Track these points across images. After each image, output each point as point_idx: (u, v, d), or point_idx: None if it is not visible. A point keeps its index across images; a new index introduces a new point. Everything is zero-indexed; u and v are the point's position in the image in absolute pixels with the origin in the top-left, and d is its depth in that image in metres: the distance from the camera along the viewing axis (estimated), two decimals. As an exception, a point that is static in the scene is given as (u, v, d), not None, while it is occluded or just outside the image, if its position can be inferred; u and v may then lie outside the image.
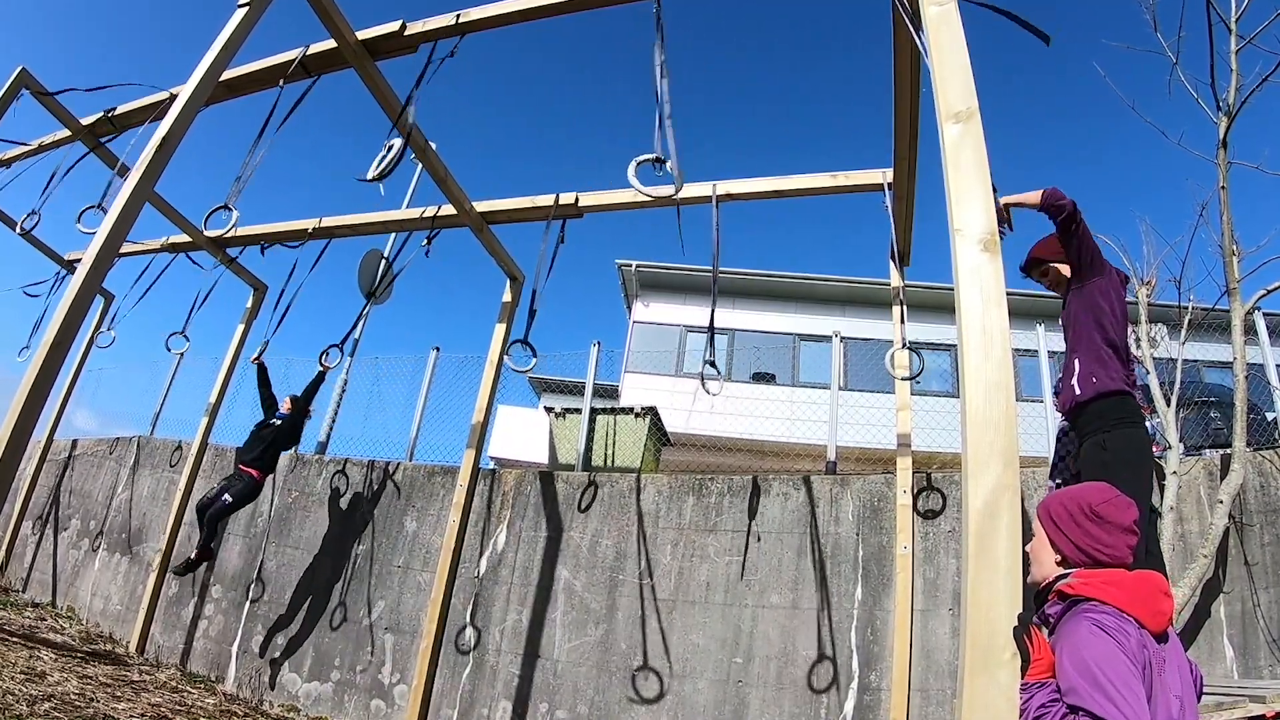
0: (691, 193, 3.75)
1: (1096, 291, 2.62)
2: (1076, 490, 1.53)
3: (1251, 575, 3.93)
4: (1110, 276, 2.65)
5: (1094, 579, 1.43)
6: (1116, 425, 2.42)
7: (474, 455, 4.41)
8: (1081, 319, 2.61)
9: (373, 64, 3.11)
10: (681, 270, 12.99)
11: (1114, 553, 1.44)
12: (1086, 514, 1.46)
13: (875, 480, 4.58)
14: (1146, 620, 1.35)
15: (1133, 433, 2.42)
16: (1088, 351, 2.56)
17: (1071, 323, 2.64)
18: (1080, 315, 2.62)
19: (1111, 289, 2.63)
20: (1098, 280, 2.63)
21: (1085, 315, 2.60)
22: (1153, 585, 1.39)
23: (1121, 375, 2.51)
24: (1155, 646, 1.33)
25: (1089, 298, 2.62)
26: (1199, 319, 4.94)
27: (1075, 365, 2.55)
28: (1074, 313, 2.65)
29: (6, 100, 4.40)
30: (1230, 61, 4.44)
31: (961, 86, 1.45)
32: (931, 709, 3.90)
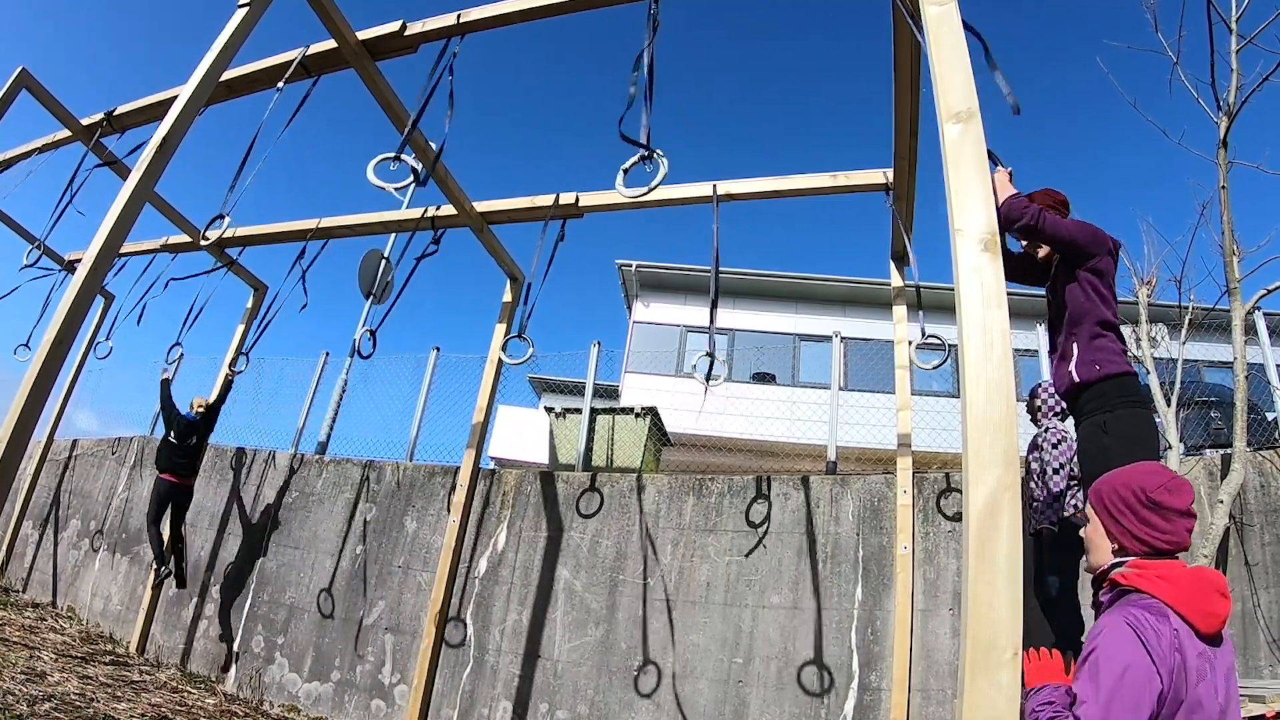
0: (691, 193, 3.75)
1: (1090, 270, 2.51)
2: (1130, 475, 1.45)
3: (1251, 575, 3.93)
4: (1103, 254, 2.52)
5: (1148, 570, 1.35)
6: (1119, 405, 2.33)
7: (474, 455, 4.41)
8: (1076, 296, 2.50)
9: (373, 64, 3.11)
10: (682, 270, 12.99)
11: (1174, 539, 1.37)
12: (1143, 501, 1.39)
13: (875, 480, 4.58)
14: (1197, 620, 1.28)
15: (1136, 412, 2.33)
16: (1087, 333, 2.46)
17: (1064, 299, 2.54)
18: (1074, 292, 2.51)
19: (1105, 267, 2.52)
20: (1092, 260, 2.52)
21: (1079, 293, 2.50)
22: (1209, 583, 1.32)
23: (1122, 356, 2.42)
24: (1201, 648, 1.27)
25: (1081, 276, 2.51)
26: (1199, 319, 4.94)
27: (1074, 349, 2.46)
28: (1065, 288, 2.54)
29: (6, 100, 4.40)
30: (1230, 61, 4.45)
31: (962, 86, 1.45)
32: (931, 709, 3.90)
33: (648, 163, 2.47)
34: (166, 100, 3.67)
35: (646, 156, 2.45)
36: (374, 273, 7.07)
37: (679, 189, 3.75)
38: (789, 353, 12.49)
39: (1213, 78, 4.51)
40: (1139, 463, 1.52)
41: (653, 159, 2.46)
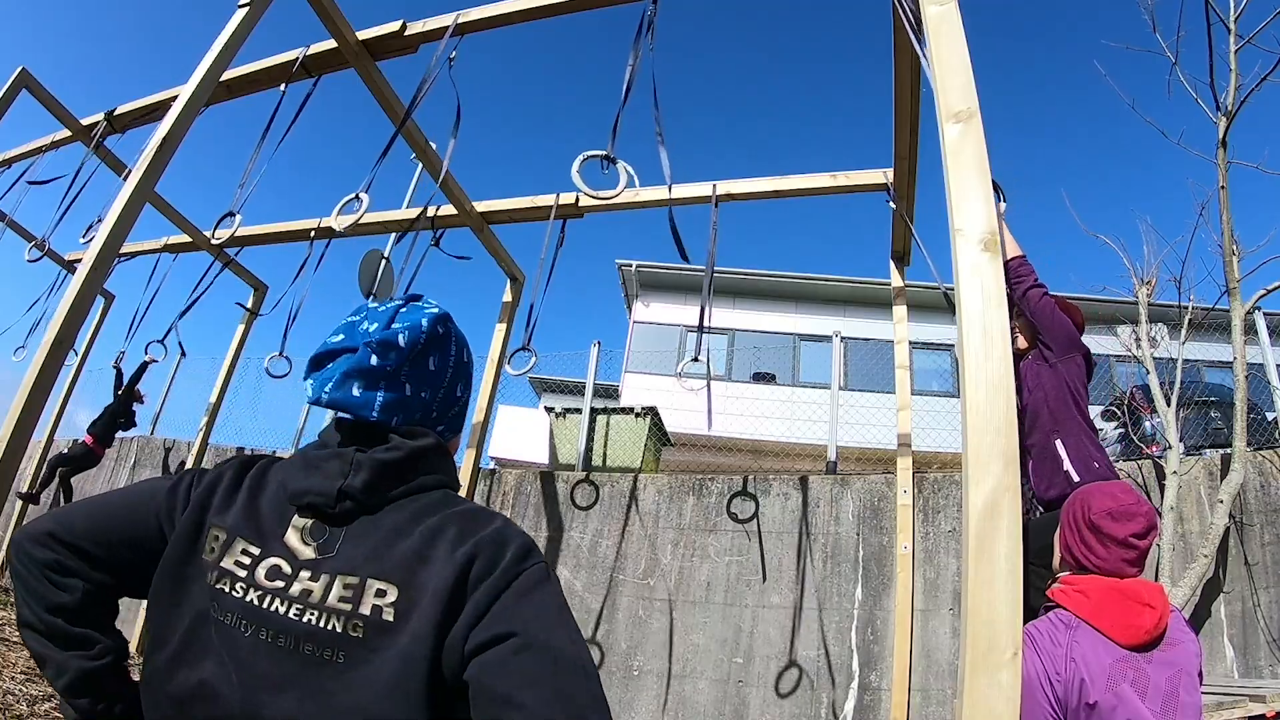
0: (691, 192, 3.75)
1: (1071, 368, 2.39)
2: (1090, 493, 1.49)
3: (1252, 575, 3.94)
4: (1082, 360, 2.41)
5: (1070, 586, 1.42)
6: None
7: (474, 455, 4.41)
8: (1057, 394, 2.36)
9: (373, 64, 3.11)
10: (682, 270, 13.00)
11: (1105, 566, 1.40)
12: (1085, 521, 1.43)
13: (875, 480, 4.58)
14: (1112, 632, 1.32)
15: None
16: (1072, 433, 2.32)
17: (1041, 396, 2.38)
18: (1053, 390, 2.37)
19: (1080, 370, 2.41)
20: (1073, 357, 2.40)
21: (1060, 391, 2.36)
22: (1128, 597, 1.36)
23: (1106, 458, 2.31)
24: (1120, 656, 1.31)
25: (1060, 373, 2.39)
26: (1199, 319, 4.94)
27: (1061, 449, 2.29)
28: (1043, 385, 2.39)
29: (7, 100, 4.40)
30: (1229, 61, 4.44)
31: (962, 86, 1.45)
32: (931, 709, 3.91)
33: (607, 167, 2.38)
34: (166, 100, 3.68)
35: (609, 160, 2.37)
36: (374, 273, 7.07)
37: (678, 189, 3.75)
38: (789, 353, 12.49)
39: (1211, 78, 4.51)
40: (1111, 483, 1.54)
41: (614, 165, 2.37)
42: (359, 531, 0.78)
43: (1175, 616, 1.41)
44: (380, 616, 0.72)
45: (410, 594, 0.72)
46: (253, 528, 0.79)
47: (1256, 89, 4.41)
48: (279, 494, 0.82)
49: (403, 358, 0.83)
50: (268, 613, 0.75)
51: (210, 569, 0.78)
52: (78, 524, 0.81)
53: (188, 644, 0.75)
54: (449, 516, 0.79)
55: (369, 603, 0.73)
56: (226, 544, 0.79)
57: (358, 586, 0.74)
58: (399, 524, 0.78)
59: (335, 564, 0.76)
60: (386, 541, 0.77)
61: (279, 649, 0.73)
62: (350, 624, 0.73)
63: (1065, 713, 1.30)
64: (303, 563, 0.76)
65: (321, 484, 0.79)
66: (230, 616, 0.75)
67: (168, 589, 0.78)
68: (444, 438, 0.91)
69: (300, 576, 0.75)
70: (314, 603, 0.74)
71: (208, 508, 0.82)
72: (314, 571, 0.76)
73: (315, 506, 0.79)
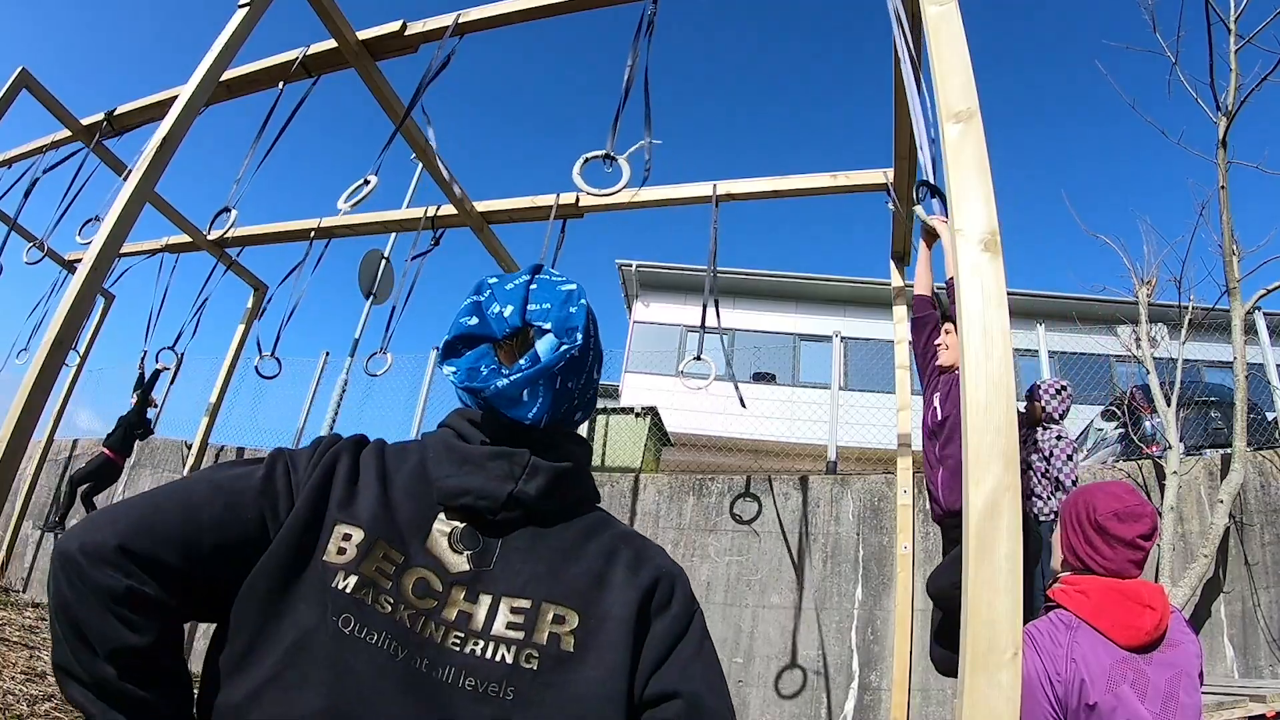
0: (691, 192, 3.75)
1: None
2: (1094, 493, 1.49)
3: (1252, 575, 3.93)
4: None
5: (1070, 586, 1.42)
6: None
7: (474, 455, 4.40)
8: None
9: (373, 64, 3.11)
10: (682, 270, 12.99)
11: (1112, 566, 1.40)
12: (1090, 522, 1.43)
13: (875, 480, 4.58)
14: (1112, 632, 1.32)
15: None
16: None
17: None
18: None
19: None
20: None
21: None
22: (1128, 597, 1.36)
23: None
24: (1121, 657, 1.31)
25: None
26: (1199, 319, 4.94)
27: None
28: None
29: (7, 100, 4.40)
30: (1230, 61, 4.45)
31: (962, 86, 1.45)
32: (931, 709, 3.91)
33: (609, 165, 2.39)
34: (166, 100, 3.67)
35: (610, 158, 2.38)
36: (374, 273, 7.07)
37: (678, 189, 3.75)
38: (789, 353, 12.48)
39: (1211, 78, 4.52)
40: (1111, 483, 1.55)
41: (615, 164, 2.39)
42: (522, 545, 0.68)
43: (1175, 617, 1.41)
44: (559, 647, 0.63)
45: (591, 621, 0.65)
46: (392, 528, 0.66)
47: (1256, 89, 4.42)
48: (418, 489, 0.70)
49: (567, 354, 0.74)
50: (421, 637, 0.62)
51: (340, 574, 0.63)
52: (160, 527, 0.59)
53: (287, 667, 0.59)
54: (619, 536, 0.74)
55: (545, 630, 0.64)
56: (366, 546, 0.64)
57: (530, 611, 0.64)
58: (571, 541, 0.70)
59: (497, 582, 0.65)
60: (559, 560, 0.68)
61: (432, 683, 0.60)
62: (523, 654, 0.62)
63: (1065, 713, 1.30)
64: (455, 577, 0.65)
65: (487, 485, 0.68)
66: (377, 636, 0.61)
67: (265, 597, 0.61)
68: (577, 425, 0.82)
69: (454, 595, 0.64)
70: (477, 629, 0.63)
71: (327, 498, 0.67)
72: (471, 589, 0.65)
73: (473, 511, 0.68)
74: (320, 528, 0.65)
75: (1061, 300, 11.26)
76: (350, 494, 0.68)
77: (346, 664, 0.59)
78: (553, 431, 0.74)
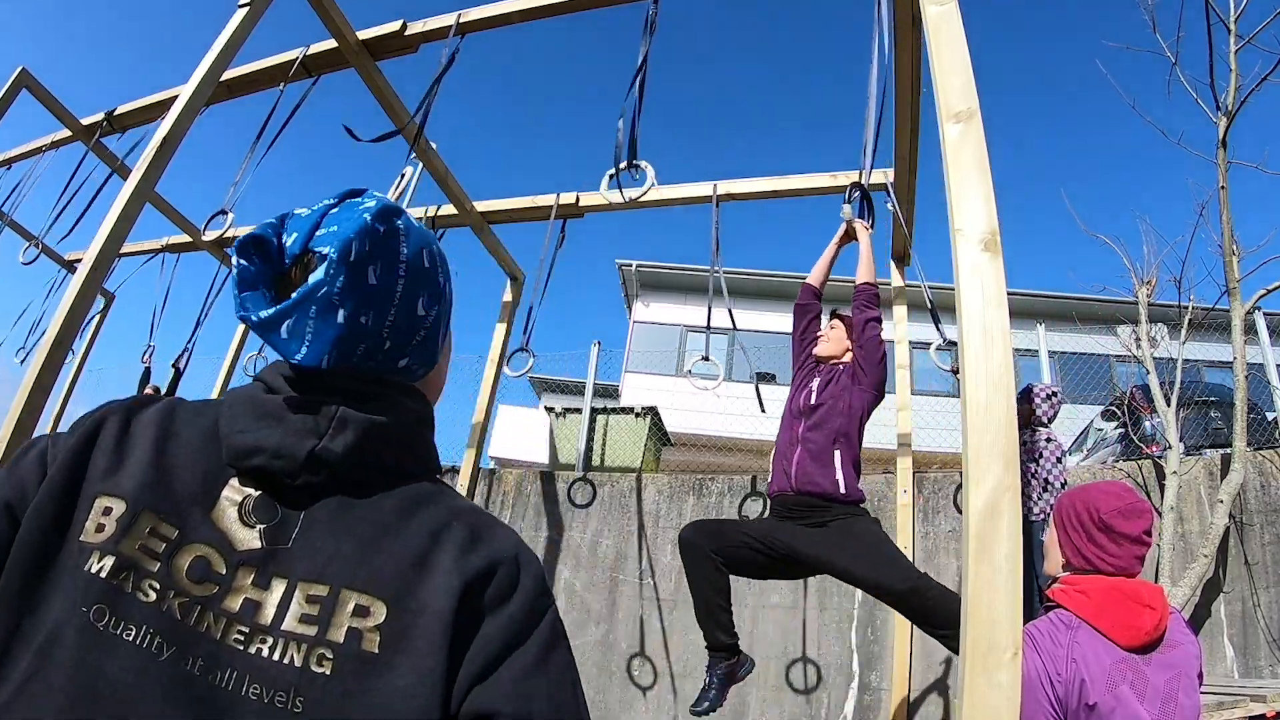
0: (691, 193, 3.75)
1: (870, 401, 2.54)
2: (1091, 494, 1.49)
3: (1251, 575, 3.94)
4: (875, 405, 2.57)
5: (1070, 586, 1.42)
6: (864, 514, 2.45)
7: (474, 455, 4.41)
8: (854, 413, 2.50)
9: (373, 64, 3.11)
10: (681, 270, 13.00)
11: (1120, 563, 1.40)
12: (1095, 523, 1.42)
13: (875, 480, 4.58)
14: (1113, 632, 1.33)
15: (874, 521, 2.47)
16: (850, 454, 2.47)
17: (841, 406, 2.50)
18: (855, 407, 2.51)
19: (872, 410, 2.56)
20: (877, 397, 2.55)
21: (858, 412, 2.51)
22: (1128, 597, 1.36)
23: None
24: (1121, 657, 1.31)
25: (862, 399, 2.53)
26: (1199, 319, 4.94)
27: (837, 457, 2.43)
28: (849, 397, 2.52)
29: (6, 100, 4.40)
30: (1229, 61, 4.45)
31: (962, 86, 1.45)
32: (932, 709, 3.91)
33: (635, 171, 2.49)
34: (166, 100, 3.67)
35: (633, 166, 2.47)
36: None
37: (678, 189, 3.76)
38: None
39: (1211, 78, 4.52)
40: (1105, 482, 1.55)
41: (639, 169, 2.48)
42: (326, 518, 0.55)
43: (1175, 618, 1.41)
44: (359, 646, 0.50)
45: (403, 615, 0.51)
46: (165, 497, 0.54)
47: (1256, 89, 4.42)
48: (207, 449, 0.57)
49: (332, 277, 0.58)
50: (195, 632, 0.50)
51: (94, 556, 0.51)
52: None
53: (35, 672, 0.48)
54: (453, 511, 0.59)
55: (343, 625, 0.51)
56: (128, 520, 0.53)
57: (327, 600, 0.51)
58: (390, 514, 0.56)
59: (294, 564, 0.53)
60: (371, 538, 0.54)
61: (207, 689, 0.49)
62: (314, 655, 0.50)
63: (1065, 713, 1.30)
64: (243, 556, 0.53)
65: (285, 442, 0.55)
66: (137, 631, 0.49)
67: (19, 592, 0.51)
68: (412, 375, 0.67)
69: (241, 579, 0.52)
70: (265, 623, 0.50)
71: (84, 466, 0.55)
72: (261, 572, 0.52)
73: (269, 474, 0.55)
74: (76, 503, 0.54)
75: (1061, 300, 11.26)
76: (117, 461, 0.56)
77: (96, 666, 0.48)
78: (371, 380, 0.61)
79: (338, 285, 0.58)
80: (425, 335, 0.66)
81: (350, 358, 0.60)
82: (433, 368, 0.71)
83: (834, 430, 2.47)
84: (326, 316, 0.58)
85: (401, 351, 0.64)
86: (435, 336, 0.68)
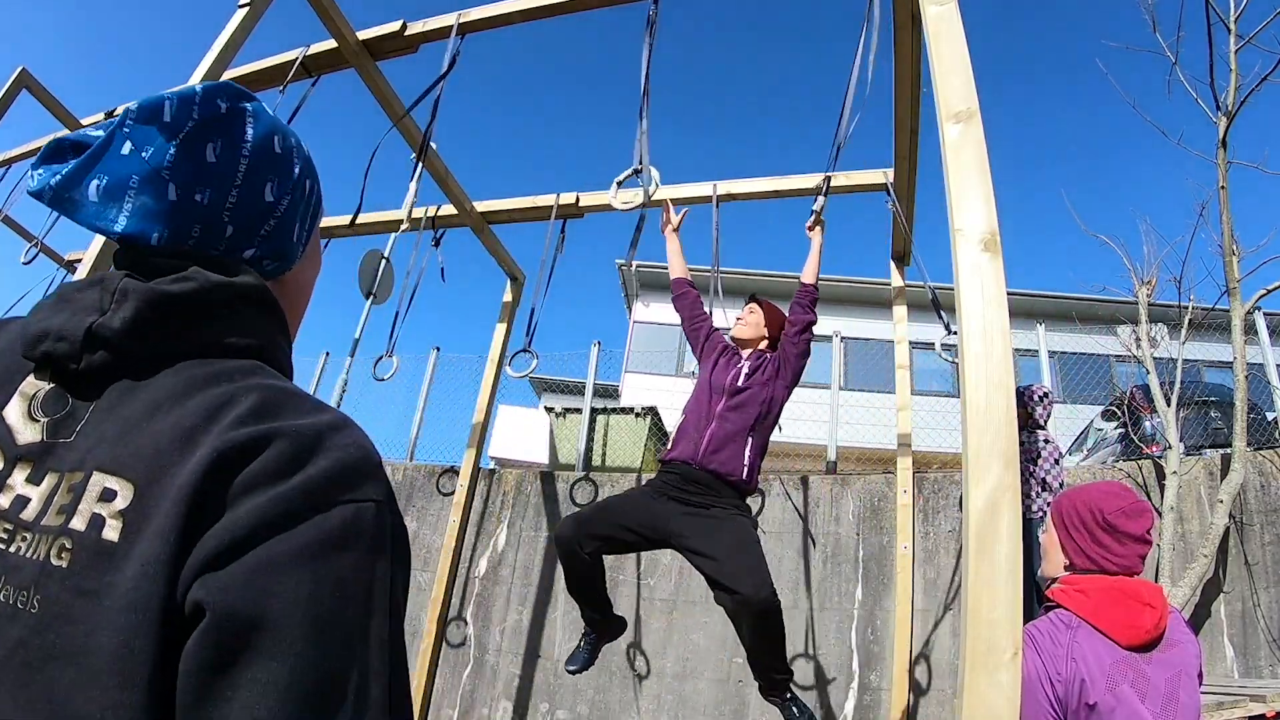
0: (691, 192, 3.75)
1: (784, 399, 2.59)
2: (1092, 494, 1.49)
3: (1251, 575, 3.94)
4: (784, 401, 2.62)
5: (1070, 586, 1.42)
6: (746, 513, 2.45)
7: (474, 455, 4.41)
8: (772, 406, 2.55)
9: (373, 64, 3.11)
10: (681, 270, 12.98)
11: (1124, 562, 1.41)
12: (1099, 523, 1.42)
13: (875, 480, 4.58)
14: (1113, 631, 1.33)
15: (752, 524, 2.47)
16: (760, 444, 2.50)
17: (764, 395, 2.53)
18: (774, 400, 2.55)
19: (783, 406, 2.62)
20: (789, 392, 2.62)
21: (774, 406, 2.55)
22: (1128, 596, 1.36)
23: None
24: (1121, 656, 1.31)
25: (781, 394, 2.58)
26: (1199, 319, 4.94)
27: (749, 443, 2.45)
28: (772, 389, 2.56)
29: (6, 100, 4.40)
30: (1229, 61, 4.45)
31: (962, 87, 1.45)
32: (932, 709, 3.91)
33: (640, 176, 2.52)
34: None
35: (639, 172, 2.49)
36: (374, 273, 7.07)
37: (678, 189, 3.76)
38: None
39: (1211, 78, 4.52)
40: (1104, 482, 1.55)
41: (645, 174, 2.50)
42: (108, 405, 0.49)
43: (1175, 617, 1.41)
44: (99, 534, 0.43)
45: (150, 499, 0.43)
46: None
47: (1257, 89, 4.42)
48: (10, 347, 0.53)
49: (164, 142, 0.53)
50: None
51: None
52: None
53: None
54: (254, 387, 0.49)
55: (88, 511, 0.44)
56: None
57: (78, 486, 0.45)
58: (171, 391, 0.49)
59: (68, 455, 0.47)
60: (140, 417, 0.48)
61: None
62: (55, 546, 0.43)
63: (1065, 713, 1.30)
64: (21, 450, 0.48)
65: (69, 322, 0.49)
66: None
67: None
68: (262, 270, 0.60)
69: (15, 475, 0.47)
70: (28, 520, 0.45)
71: None
72: (37, 468, 0.47)
73: (56, 360, 0.49)
74: None
75: (1061, 300, 11.27)
76: None
77: None
78: (182, 254, 0.54)
79: (167, 158, 0.53)
80: (276, 225, 0.60)
81: (185, 238, 0.55)
82: (289, 266, 0.64)
83: (752, 417, 2.49)
84: (153, 190, 0.53)
85: (248, 239, 0.58)
86: (288, 228, 0.62)
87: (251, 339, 0.55)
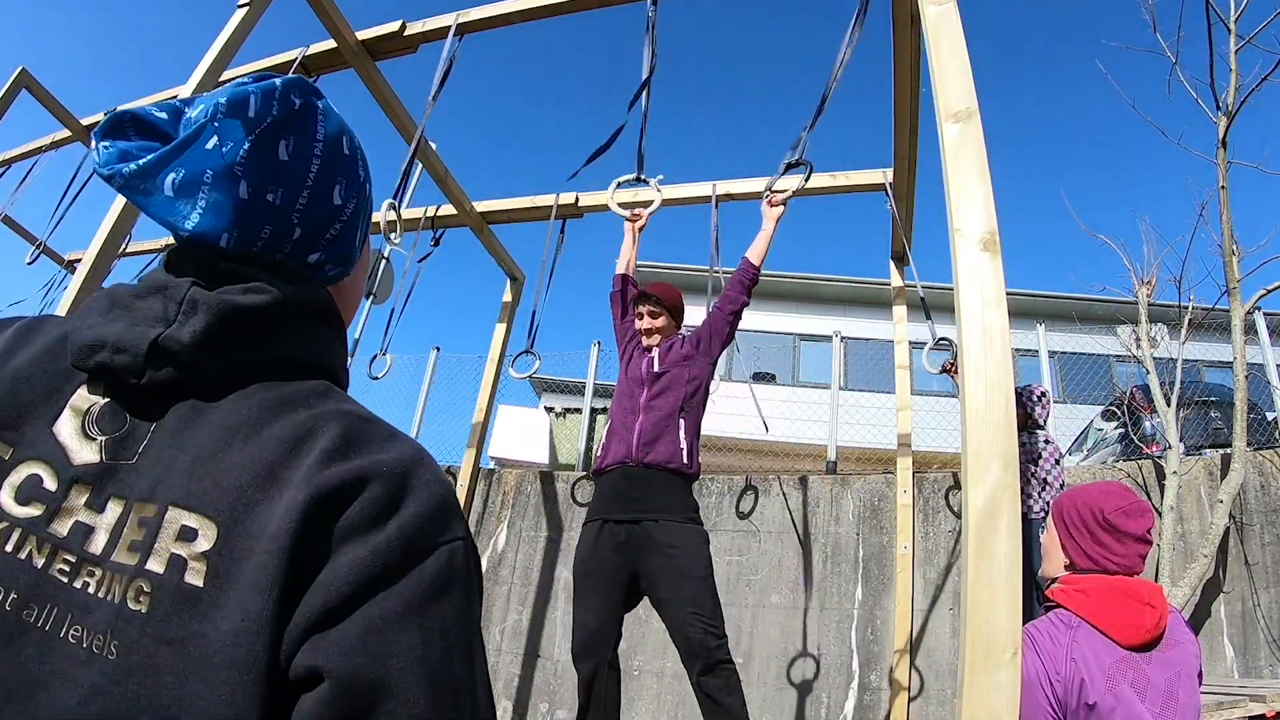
0: (690, 193, 3.75)
1: (709, 375, 2.55)
2: (1092, 494, 1.49)
3: (1251, 575, 3.94)
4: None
5: (1070, 586, 1.42)
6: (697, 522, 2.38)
7: (474, 455, 4.41)
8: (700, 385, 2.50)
9: (373, 64, 3.12)
10: (681, 270, 12.99)
11: (1124, 562, 1.41)
12: (1100, 522, 1.42)
13: (875, 480, 4.58)
14: (1113, 631, 1.33)
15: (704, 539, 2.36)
16: (693, 424, 2.44)
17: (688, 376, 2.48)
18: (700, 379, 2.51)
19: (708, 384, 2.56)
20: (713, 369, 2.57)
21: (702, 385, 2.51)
22: (1128, 595, 1.36)
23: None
24: (1121, 656, 1.31)
25: (707, 372, 2.53)
26: (1199, 319, 4.94)
27: (681, 426, 2.38)
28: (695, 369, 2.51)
29: (6, 100, 4.40)
30: (1229, 61, 4.45)
31: (961, 86, 1.45)
32: (931, 709, 3.91)
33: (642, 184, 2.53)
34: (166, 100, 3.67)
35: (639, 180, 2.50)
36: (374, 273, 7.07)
37: (678, 189, 3.76)
38: (789, 353, 12.48)
39: (1211, 78, 4.52)
40: (1103, 482, 1.55)
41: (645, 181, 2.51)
42: (174, 426, 0.45)
43: (1175, 617, 1.41)
44: (182, 578, 0.40)
45: (239, 540, 0.40)
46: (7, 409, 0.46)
47: (1257, 89, 4.42)
48: (56, 352, 0.48)
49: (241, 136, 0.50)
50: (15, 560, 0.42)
51: None
52: None
53: None
54: (331, 415, 0.46)
55: (165, 552, 0.40)
56: None
57: (152, 522, 0.42)
58: (246, 417, 0.45)
59: (135, 482, 0.43)
60: (217, 445, 0.44)
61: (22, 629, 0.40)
62: (132, 589, 0.40)
63: (1065, 713, 1.30)
64: (79, 472, 0.44)
65: (127, 333, 0.45)
66: None
67: None
68: (324, 275, 0.57)
69: (74, 499, 0.43)
70: (95, 552, 0.42)
71: None
72: (98, 492, 0.43)
73: (113, 373, 0.45)
74: None
75: (1061, 300, 11.26)
76: None
77: None
78: (250, 260, 0.51)
79: (240, 154, 0.50)
80: (341, 229, 0.57)
81: (254, 240, 0.51)
82: (349, 272, 0.61)
83: (679, 398, 2.44)
84: (226, 186, 0.49)
85: (313, 243, 0.55)
86: (352, 234, 0.59)
87: (319, 355, 0.53)
